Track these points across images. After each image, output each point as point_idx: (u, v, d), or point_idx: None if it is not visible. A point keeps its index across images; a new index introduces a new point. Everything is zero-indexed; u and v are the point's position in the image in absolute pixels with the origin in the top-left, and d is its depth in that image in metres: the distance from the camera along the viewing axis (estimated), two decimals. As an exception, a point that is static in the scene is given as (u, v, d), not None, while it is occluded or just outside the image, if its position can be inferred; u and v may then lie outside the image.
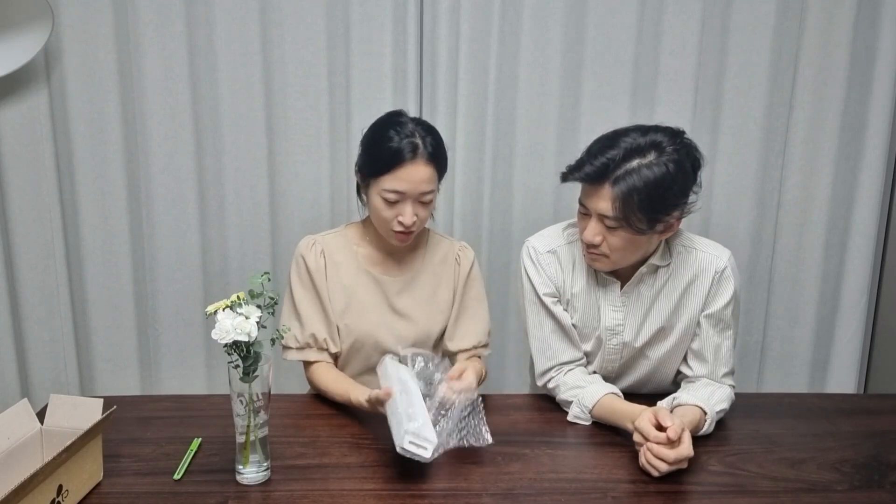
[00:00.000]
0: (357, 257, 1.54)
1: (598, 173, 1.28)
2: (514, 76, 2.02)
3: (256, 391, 1.13)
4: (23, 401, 1.15)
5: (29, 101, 1.96)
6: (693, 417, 1.28)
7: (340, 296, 1.52)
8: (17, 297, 2.07)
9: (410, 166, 1.38)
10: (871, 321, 2.23)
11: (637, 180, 1.25)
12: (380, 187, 1.41)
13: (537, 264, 1.47)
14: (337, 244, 1.54)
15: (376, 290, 1.53)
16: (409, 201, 1.41)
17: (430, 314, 1.56)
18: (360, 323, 1.51)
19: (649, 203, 1.26)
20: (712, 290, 1.41)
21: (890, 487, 1.18)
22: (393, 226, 1.43)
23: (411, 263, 1.57)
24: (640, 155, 1.26)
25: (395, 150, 1.38)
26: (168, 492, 1.13)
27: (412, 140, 1.39)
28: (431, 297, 1.56)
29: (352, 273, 1.53)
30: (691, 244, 1.44)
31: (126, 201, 2.04)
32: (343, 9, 1.96)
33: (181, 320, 2.13)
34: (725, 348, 1.44)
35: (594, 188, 1.30)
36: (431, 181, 1.43)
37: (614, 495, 1.15)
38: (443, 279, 1.58)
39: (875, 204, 2.10)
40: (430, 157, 1.41)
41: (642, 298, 1.44)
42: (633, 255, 1.37)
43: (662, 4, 1.98)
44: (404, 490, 1.14)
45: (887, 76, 2.01)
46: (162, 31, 1.95)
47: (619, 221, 1.29)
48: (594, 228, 1.33)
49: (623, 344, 1.46)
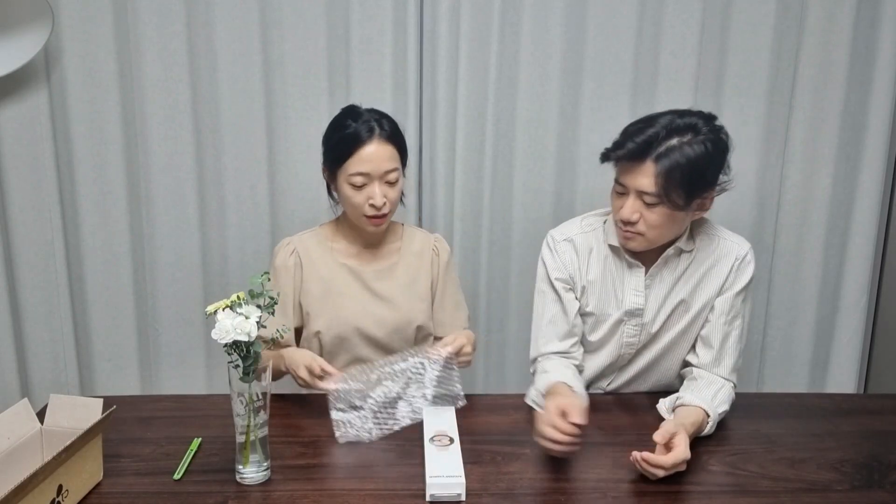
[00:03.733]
0: (332, 252, 1.58)
1: (640, 150, 1.32)
2: (514, 76, 2.01)
3: (256, 391, 1.13)
4: (23, 401, 1.15)
5: (29, 101, 1.96)
6: (696, 419, 1.29)
7: (318, 288, 1.55)
8: (17, 297, 2.07)
9: (370, 146, 1.46)
10: (871, 321, 2.23)
11: (679, 156, 1.30)
12: (346, 174, 1.48)
13: (554, 251, 1.52)
14: (312, 241, 1.59)
15: (354, 279, 1.57)
16: (375, 182, 1.47)
17: (410, 300, 1.59)
18: (340, 311, 1.55)
19: (689, 179, 1.31)
20: (731, 275, 1.45)
21: (890, 487, 1.18)
22: (365, 210, 1.48)
23: (388, 255, 1.61)
24: (679, 134, 1.32)
25: (353, 134, 1.47)
26: (168, 492, 1.13)
27: (368, 123, 1.48)
28: (411, 284, 1.60)
29: (328, 266, 1.57)
30: (714, 232, 1.49)
31: (126, 201, 2.04)
32: (343, 9, 1.96)
33: (181, 320, 2.13)
34: (733, 338, 1.46)
35: (635, 165, 1.34)
36: (393, 159, 1.49)
37: (614, 495, 1.15)
38: (421, 269, 1.62)
39: (875, 204, 2.10)
40: (388, 137, 1.49)
41: (664, 283, 1.47)
42: (667, 233, 1.40)
43: (662, 4, 1.98)
44: (404, 490, 1.14)
45: (887, 76, 2.01)
46: (162, 31, 1.95)
47: (659, 198, 1.32)
48: (632, 206, 1.36)
49: (642, 325, 1.48)
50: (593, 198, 2.09)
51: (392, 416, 1.33)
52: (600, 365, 1.54)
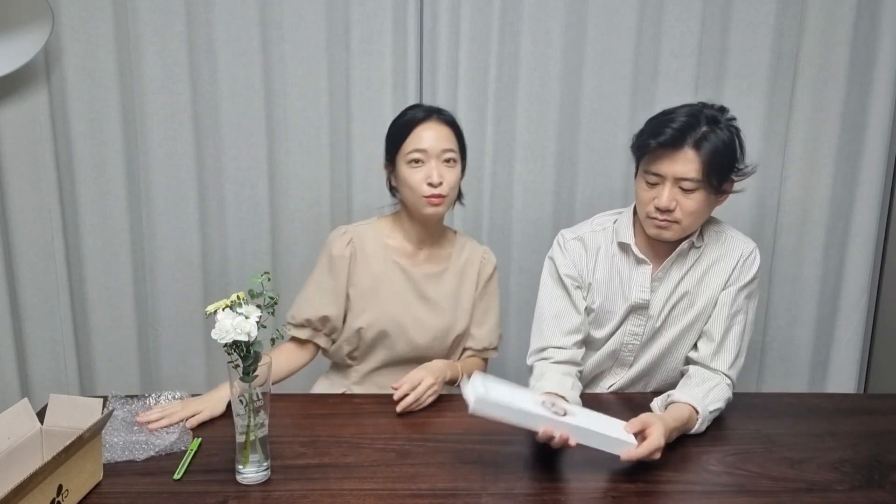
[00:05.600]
0: (387, 249, 1.58)
1: (680, 136, 1.35)
2: (514, 76, 2.02)
3: (256, 391, 1.13)
4: (23, 401, 1.15)
5: (29, 101, 1.96)
6: (682, 416, 1.30)
7: (368, 282, 1.55)
8: (17, 297, 2.07)
9: (427, 125, 1.50)
10: (871, 321, 2.23)
11: (716, 140, 1.35)
12: (404, 153, 1.50)
13: (564, 248, 1.53)
14: (368, 234, 1.59)
15: (405, 279, 1.57)
16: (432, 160, 1.49)
17: (455, 309, 1.60)
18: (386, 307, 1.55)
19: (725, 163, 1.37)
20: (735, 271, 1.47)
21: (890, 487, 1.18)
22: (423, 190, 1.49)
23: (439, 259, 1.61)
24: (705, 123, 1.36)
25: (412, 117, 1.52)
26: (168, 492, 1.13)
27: (427, 108, 1.54)
28: (457, 292, 1.61)
29: (380, 262, 1.57)
30: (722, 230, 1.52)
31: (126, 201, 2.04)
32: (343, 9, 1.96)
33: (181, 320, 2.13)
34: (734, 332, 1.47)
35: (671, 153, 1.36)
36: (450, 140, 1.52)
37: (614, 495, 1.15)
38: (467, 279, 1.62)
39: (875, 204, 2.10)
40: (447, 122, 1.53)
41: (672, 279, 1.48)
42: (699, 220, 1.43)
43: (662, 4, 1.98)
44: (404, 490, 1.14)
45: (887, 76, 2.01)
46: (162, 31, 1.95)
47: (699, 183, 1.36)
48: (670, 193, 1.37)
49: (647, 318, 1.49)
50: (593, 197, 2.09)
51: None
52: (602, 357, 1.54)
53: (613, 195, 2.07)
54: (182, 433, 1.28)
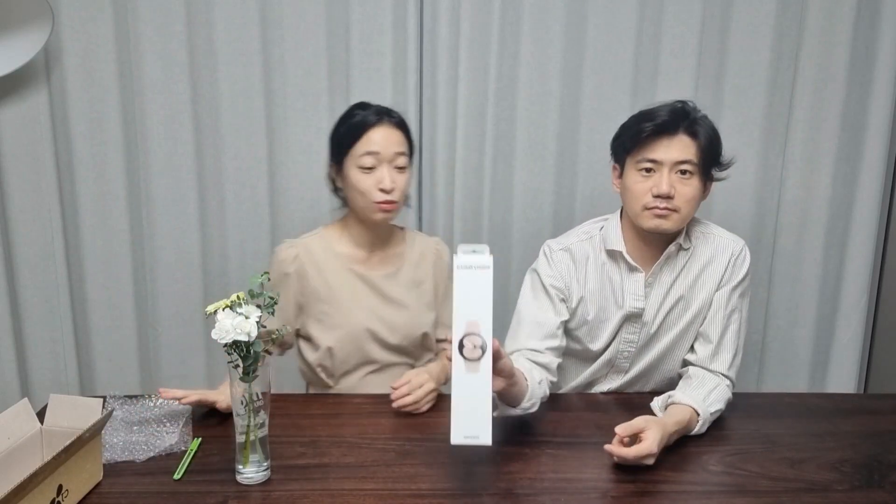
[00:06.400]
0: (339, 257, 1.55)
1: (673, 122, 1.36)
2: (514, 76, 2.02)
3: (256, 391, 1.13)
4: (23, 401, 1.15)
5: (29, 101, 1.96)
6: (682, 418, 1.29)
7: (325, 292, 1.53)
8: (17, 297, 2.07)
9: (379, 128, 1.47)
10: (871, 321, 2.23)
11: (706, 127, 1.39)
12: (354, 157, 1.47)
13: (550, 260, 1.52)
14: (316, 246, 1.55)
15: (363, 284, 1.56)
16: (384, 165, 1.46)
17: (419, 303, 1.59)
18: (350, 316, 1.53)
19: (715, 149, 1.40)
20: (727, 270, 1.47)
21: (890, 487, 1.18)
22: (374, 196, 1.46)
23: (392, 259, 1.59)
24: (692, 113, 1.39)
25: (362, 120, 1.48)
26: (168, 492, 1.13)
27: (378, 109, 1.50)
28: (418, 287, 1.59)
29: (335, 272, 1.54)
30: (708, 230, 1.51)
31: (126, 201, 2.04)
32: (343, 9, 1.96)
33: (181, 320, 2.13)
34: (731, 332, 1.46)
35: (666, 138, 1.37)
36: (402, 143, 1.49)
37: (614, 495, 1.15)
38: (425, 273, 1.61)
39: (875, 204, 2.10)
40: (397, 124, 1.50)
41: (664, 283, 1.47)
42: (693, 211, 1.43)
43: (662, 4, 1.98)
44: (404, 490, 1.14)
45: (887, 76, 2.01)
46: (162, 31, 1.95)
47: (696, 167, 1.37)
48: (668, 179, 1.37)
49: (642, 325, 1.48)
50: (593, 197, 2.09)
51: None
52: (598, 366, 1.53)
53: (613, 195, 2.06)
54: (182, 433, 1.28)
